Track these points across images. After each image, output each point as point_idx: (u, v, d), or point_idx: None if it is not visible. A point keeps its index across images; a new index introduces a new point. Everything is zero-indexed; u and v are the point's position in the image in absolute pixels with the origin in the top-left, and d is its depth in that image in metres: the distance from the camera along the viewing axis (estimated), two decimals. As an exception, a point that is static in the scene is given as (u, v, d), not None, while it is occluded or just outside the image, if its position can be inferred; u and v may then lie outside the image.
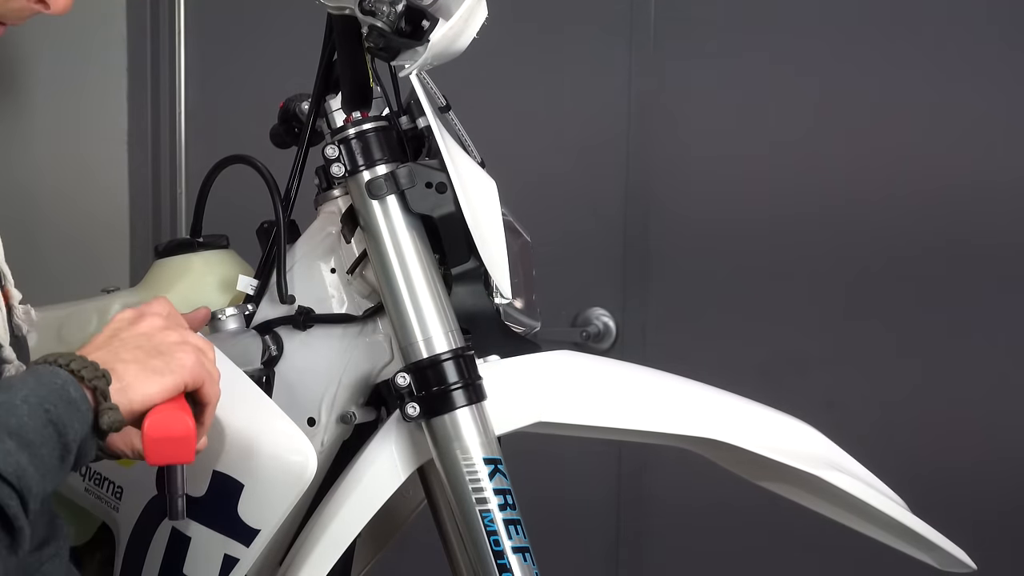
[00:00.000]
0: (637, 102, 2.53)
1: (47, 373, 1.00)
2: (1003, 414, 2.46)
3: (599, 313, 2.57)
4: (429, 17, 1.24)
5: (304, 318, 1.45)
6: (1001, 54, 2.39)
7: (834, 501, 1.46)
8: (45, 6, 1.17)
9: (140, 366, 1.05)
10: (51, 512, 1.22)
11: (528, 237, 1.50)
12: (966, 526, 1.57)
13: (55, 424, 0.97)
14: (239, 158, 1.53)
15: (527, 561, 1.33)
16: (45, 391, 0.98)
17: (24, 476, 0.95)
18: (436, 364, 1.35)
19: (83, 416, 1.00)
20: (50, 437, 0.97)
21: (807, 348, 2.51)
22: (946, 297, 2.44)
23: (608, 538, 2.62)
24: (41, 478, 0.96)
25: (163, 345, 1.09)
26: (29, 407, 0.97)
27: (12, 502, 0.94)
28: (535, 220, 1.54)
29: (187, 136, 2.75)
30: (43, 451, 0.96)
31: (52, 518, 1.22)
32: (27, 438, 0.95)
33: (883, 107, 2.44)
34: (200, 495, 1.36)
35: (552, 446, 1.77)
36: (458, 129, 1.50)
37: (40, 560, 1.17)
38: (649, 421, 1.42)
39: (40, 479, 0.96)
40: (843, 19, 2.46)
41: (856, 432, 1.58)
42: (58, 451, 0.98)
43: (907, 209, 2.45)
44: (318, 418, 1.44)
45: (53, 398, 0.98)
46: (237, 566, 1.35)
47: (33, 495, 0.96)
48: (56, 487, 1.00)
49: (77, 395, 0.99)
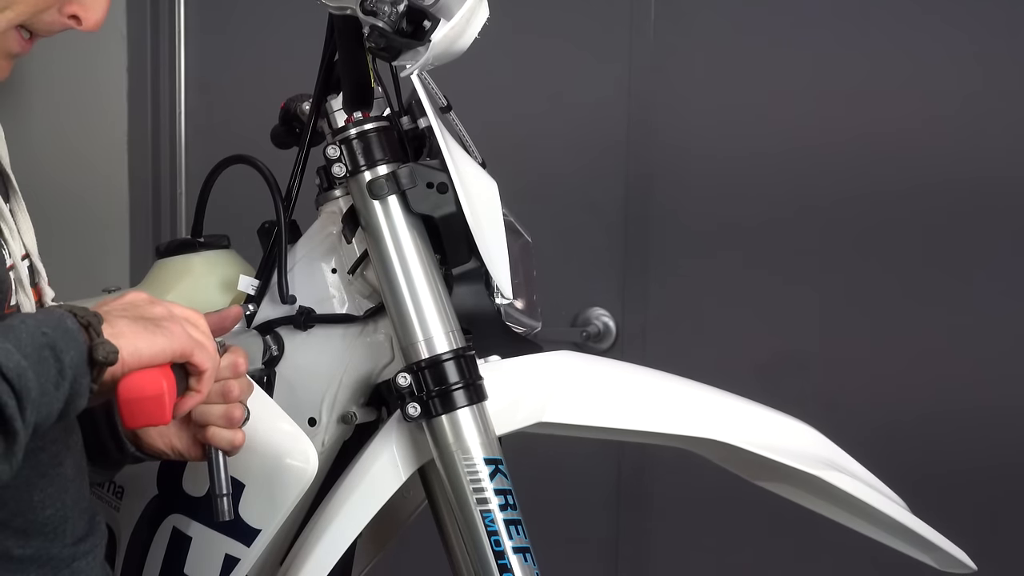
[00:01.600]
0: (637, 102, 2.53)
1: (44, 311, 1.03)
2: (1003, 414, 2.46)
3: (599, 313, 2.57)
4: (430, 17, 1.24)
5: (305, 318, 1.45)
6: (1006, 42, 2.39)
7: (834, 501, 1.46)
8: (77, 21, 1.17)
9: (129, 321, 1.06)
10: (92, 509, 1.23)
11: (529, 237, 1.50)
12: (966, 526, 1.57)
13: (51, 347, 0.98)
14: (240, 158, 1.53)
15: (528, 561, 1.33)
16: (43, 317, 1.00)
17: (24, 377, 0.95)
18: (437, 364, 1.35)
19: (78, 345, 1.00)
20: (47, 358, 0.98)
21: (807, 348, 2.51)
22: (947, 297, 2.45)
23: (608, 538, 2.62)
24: (40, 390, 0.97)
25: (149, 313, 1.09)
26: (27, 328, 0.98)
27: (10, 401, 0.94)
28: (535, 220, 1.54)
29: (187, 136, 2.75)
30: (40, 368, 0.97)
31: (92, 515, 1.22)
32: (25, 350, 0.96)
33: (882, 104, 2.45)
34: (201, 495, 1.36)
35: (552, 446, 1.77)
36: (459, 129, 1.50)
37: (75, 555, 1.17)
38: (649, 421, 1.43)
39: (39, 391, 0.97)
40: (844, 9, 2.46)
41: (856, 432, 1.58)
42: (54, 372, 0.98)
43: (907, 209, 2.45)
44: (319, 418, 1.44)
45: (51, 324, 0.99)
46: (238, 566, 1.35)
47: (31, 401, 0.96)
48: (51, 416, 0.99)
49: (73, 326, 1.01)
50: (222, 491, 1.19)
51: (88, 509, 1.21)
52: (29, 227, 1.23)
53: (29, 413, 0.96)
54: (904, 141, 2.45)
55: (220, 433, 1.20)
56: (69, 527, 1.16)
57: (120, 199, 2.74)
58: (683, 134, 2.53)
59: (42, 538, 1.13)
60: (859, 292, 2.49)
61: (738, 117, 2.51)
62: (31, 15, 1.15)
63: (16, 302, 1.17)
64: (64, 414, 1.01)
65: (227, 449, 1.21)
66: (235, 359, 1.22)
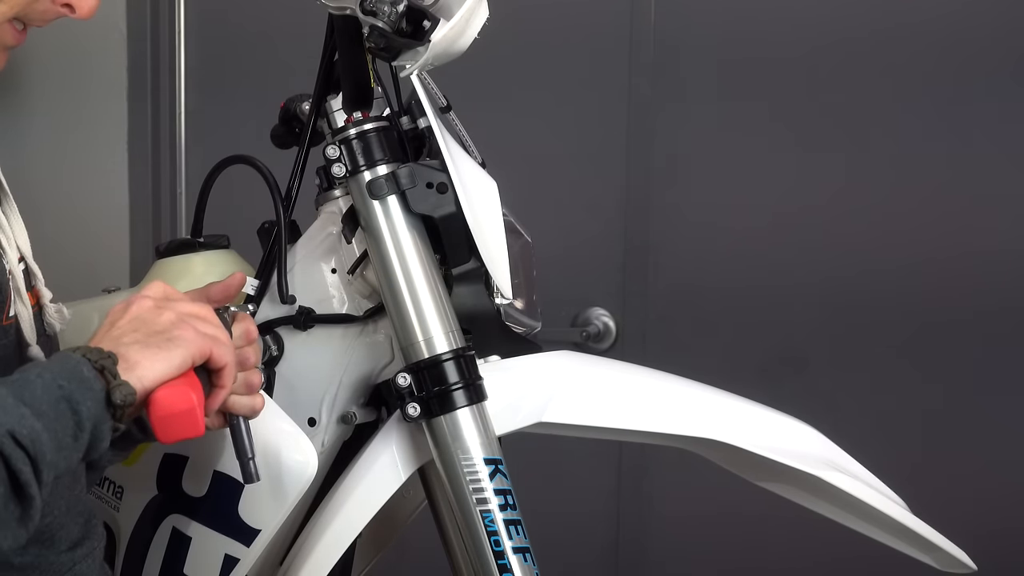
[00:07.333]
0: (637, 101, 2.53)
1: (59, 357, 1.02)
2: (1003, 413, 2.46)
3: (599, 313, 2.57)
4: (430, 17, 1.24)
5: (305, 318, 1.45)
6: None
7: (834, 501, 1.46)
8: (71, 10, 1.16)
9: (142, 346, 1.06)
10: (88, 512, 1.23)
11: (529, 238, 1.50)
12: (967, 526, 1.57)
13: (68, 400, 0.98)
14: (240, 158, 1.53)
15: (528, 561, 1.33)
16: (58, 368, 1.00)
17: (38, 442, 0.95)
18: (437, 364, 1.35)
19: (96, 395, 1.00)
20: (64, 412, 0.98)
21: (807, 348, 2.51)
22: (947, 297, 2.45)
23: (608, 538, 2.62)
24: (56, 449, 0.97)
25: (158, 325, 1.09)
26: (43, 382, 0.98)
27: (25, 468, 0.95)
28: (535, 220, 1.54)
29: (187, 136, 2.75)
30: (56, 425, 0.97)
31: (88, 518, 1.22)
32: (40, 409, 0.96)
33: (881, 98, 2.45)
34: (201, 495, 1.36)
35: (552, 446, 1.77)
36: (459, 129, 1.50)
37: (73, 560, 1.17)
38: (649, 421, 1.43)
39: (55, 450, 0.97)
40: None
41: (856, 433, 1.58)
42: (71, 427, 0.98)
43: (908, 208, 2.45)
44: (319, 418, 1.44)
45: (66, 375, 0.99)
46: (238, 566, 1.35)
47: (47, 463, 0.96)
48: (70, 467, 1.00)
49: (89, 374, 1.00)
50: (249, 455, 1.20)
51: (83, 512, 1.21)
52: (22, 228, 1.23)
53: (45, 475, 0.96)
54: (904, 149, 2.45)
55: (241, 401, 1.21)
56: (64, 533, 1.16)
57: (120, 199, 2.74)
58: (684, 134, 2.53)
59: (39, 546, 1.14)
60: (859, 291, 2.49)
61: (739, 116, 2.51)
62: (25, 6, 1.15)
63: (14, 312, 1.17)
64: (88, 458, 1.02)
65: (249, 415, 1.22)
66: (246, 327, 1.25)
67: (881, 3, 2.44)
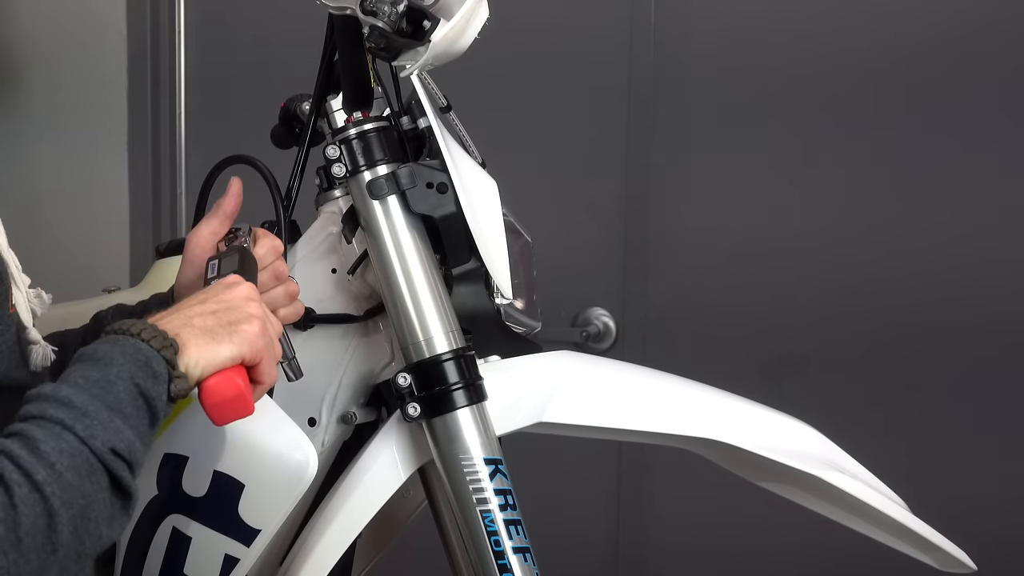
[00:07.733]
0: (637, 102, 2.53)
1: (130, 347, 1.06)
2: (1004, 413, 2.46)
3: (599, 313, 2.57)
4: (430, 17, 1.24)
5: (305, 318, 1.45)
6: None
7: (834, 501, 1.46)
8: None
9: (205, 333, 1.10)
10: None
11: (529, 238, 1.50)
12: (966, 526, 1.57)
13: (145, 397, 1.05)
14: (240, 158, 1.53)
15: (528, 561, 1.33)
16: (134, 367, 1.05)
17: (133, 449, 1.03)
18: (437, 364, 1.35)
19: (164, 387, 1.07)
20: (142, 408, 1.04)
21: (807, 348, 2.51)
22: (947, 297, 2.45)
23: (608, 538, 2.62)
24: (143, 446, 1.05)
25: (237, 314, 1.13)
26: (123, 384, 1.04)
27: (125, 473, 1.02)
28: (535, 220, 1.54)
29: (187, 136, 2.75)
30: (139, 423, 1.04)
31: None
32: (125, 412, 1.03)
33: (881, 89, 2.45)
34: (201, 495, 1.36)
35: (552, 446, 1.77)
36: (459, 129, 1.50)
37: None
38: (649, 422, 1.42)
39: (142, 447, 1.05)
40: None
41: (856, 433, 1.58)
42: (148, 420, 1.05)
43: (909, 208, 2.45)
44: (319, 418, 1.44)
45: (141, 373, 1.05)
46: (238, 566, 1.35)
47: (138, 462, 1.04)
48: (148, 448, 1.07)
49: (159, 368, 1.06)
50: (291, 355, 1.35)
51: None
52: None
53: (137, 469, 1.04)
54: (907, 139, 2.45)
55: (287, 312, 1.35)
56: None
57: (120, 199, 2.74)
58: (684, 133, 2.53)
59: None
60: (859, 291, 2.49)
61: (739, 116, 2.51)
62: None
63: (14, 301, 1.18)
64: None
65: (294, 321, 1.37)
66: (271, 243, 1.37)
67: (881, 12, 2.45)
